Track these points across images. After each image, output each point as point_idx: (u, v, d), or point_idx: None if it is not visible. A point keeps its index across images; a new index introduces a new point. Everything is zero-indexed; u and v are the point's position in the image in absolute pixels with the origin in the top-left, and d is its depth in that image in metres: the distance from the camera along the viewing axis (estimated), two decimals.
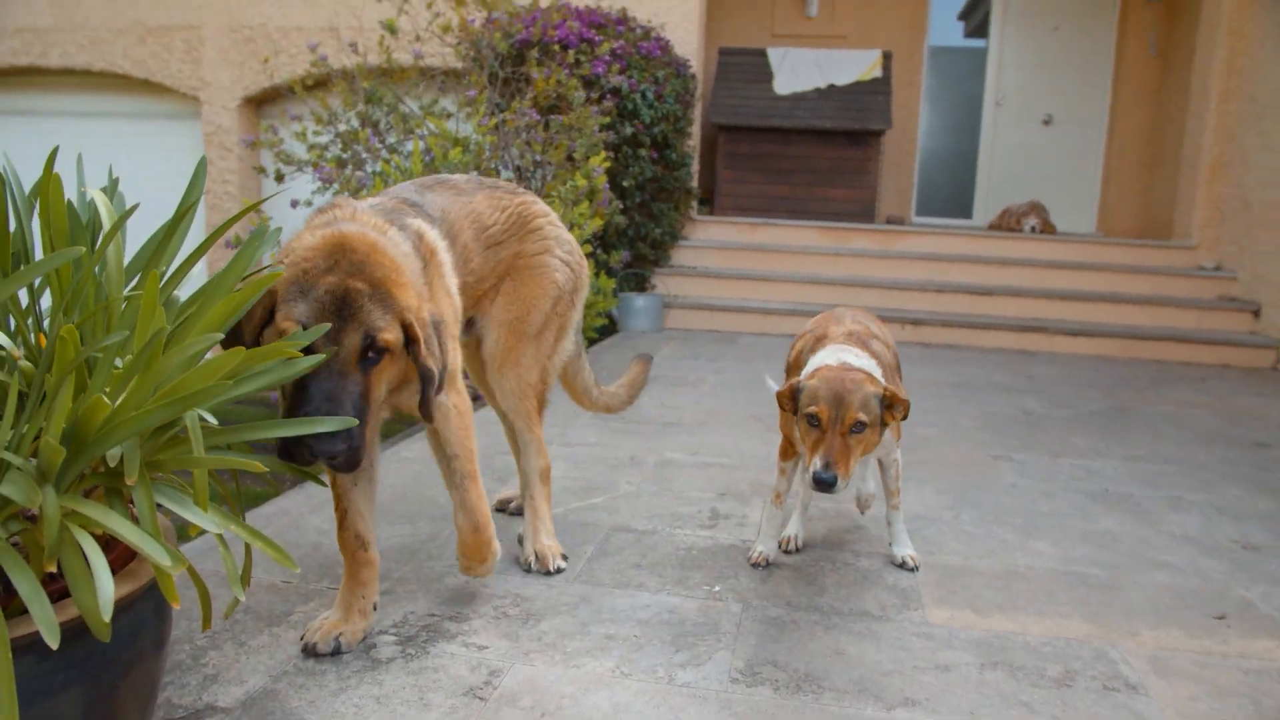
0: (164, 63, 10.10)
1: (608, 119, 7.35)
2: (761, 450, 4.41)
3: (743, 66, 9.92)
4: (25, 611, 1.33)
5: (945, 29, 10.85)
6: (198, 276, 2.73)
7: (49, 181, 1.62)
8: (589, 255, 7.00)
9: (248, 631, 2.43)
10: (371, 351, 1.94)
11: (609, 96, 7.60)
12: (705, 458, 4.27)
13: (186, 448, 1.48)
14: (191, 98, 10.13)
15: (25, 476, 1.19)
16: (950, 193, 11.03)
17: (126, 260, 1.73)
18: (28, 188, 1.76)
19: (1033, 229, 9.31)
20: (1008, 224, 9.58)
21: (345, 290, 1.92)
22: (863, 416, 2.51)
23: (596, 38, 7.67)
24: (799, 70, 9.75)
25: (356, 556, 2.34)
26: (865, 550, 3.20)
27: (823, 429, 2.52)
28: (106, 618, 1.28)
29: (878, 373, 2.67)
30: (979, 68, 10.75)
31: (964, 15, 10.93)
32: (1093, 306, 8.15)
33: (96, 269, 1.63)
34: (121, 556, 1.57)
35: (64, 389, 1.27)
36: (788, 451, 3.01)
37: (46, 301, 1.68)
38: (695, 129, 9.32)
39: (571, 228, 6.47)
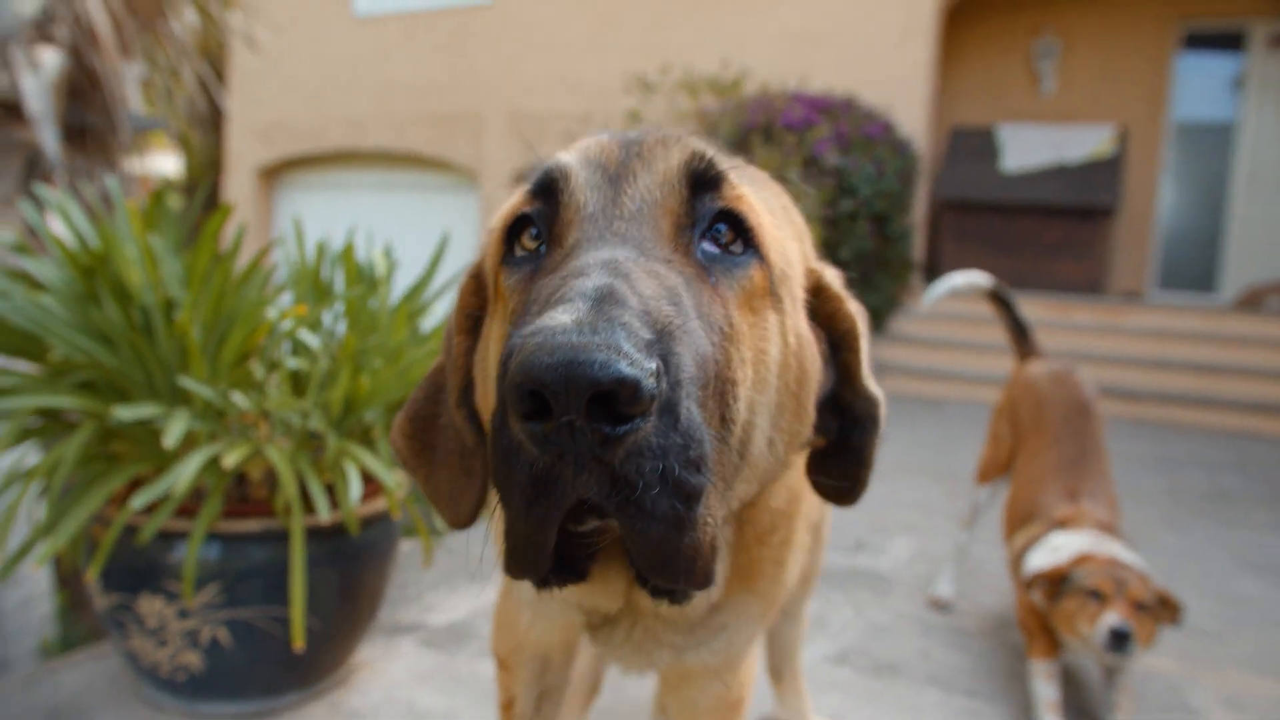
0: (452, 144, 11.81)
1: (826, 195, 7.94)
2: (919, 498, 4.79)
3: (971, 145, 10.19)
4: (311, 512, 2.14)
5: (1191, 103, 10.55)
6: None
7: (348, 250, 2.50)
8: None
9: (457, 582, 3.22)
10: (721, 223, 0.91)
11: (829, 175, 8.19)
12: (867, 500, 4.70)
13: None
14: (471, 173, 11.75)
15: (322, 421, 2.00)
16: (1194, 268, 10.61)
17: (395, 297, 2.57)
18: (339, 241, 2.66)
19: (1278, 307, 8.85)
20: (1253, 300, 9.16)
21: (658, 135, 0.96)
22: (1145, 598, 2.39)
23: (820, 120, 8.32)
24: (1028, 148, 9.89)
25: None
26: (985, 585, 3.56)
27: (1104, 599, 2.40)
28: (354, 518, 2.05)
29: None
30: (1228, 142, 10.37)
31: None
32: None
33: (373, 303, 2.48)
34: (370, 495, 2.38)
35: (344, 372, 2.07)
36: (1046, 640, 2.60)
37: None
38: (919, 204, 9.68)
39: None
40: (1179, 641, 3.09)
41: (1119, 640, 2.32)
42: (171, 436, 1.75)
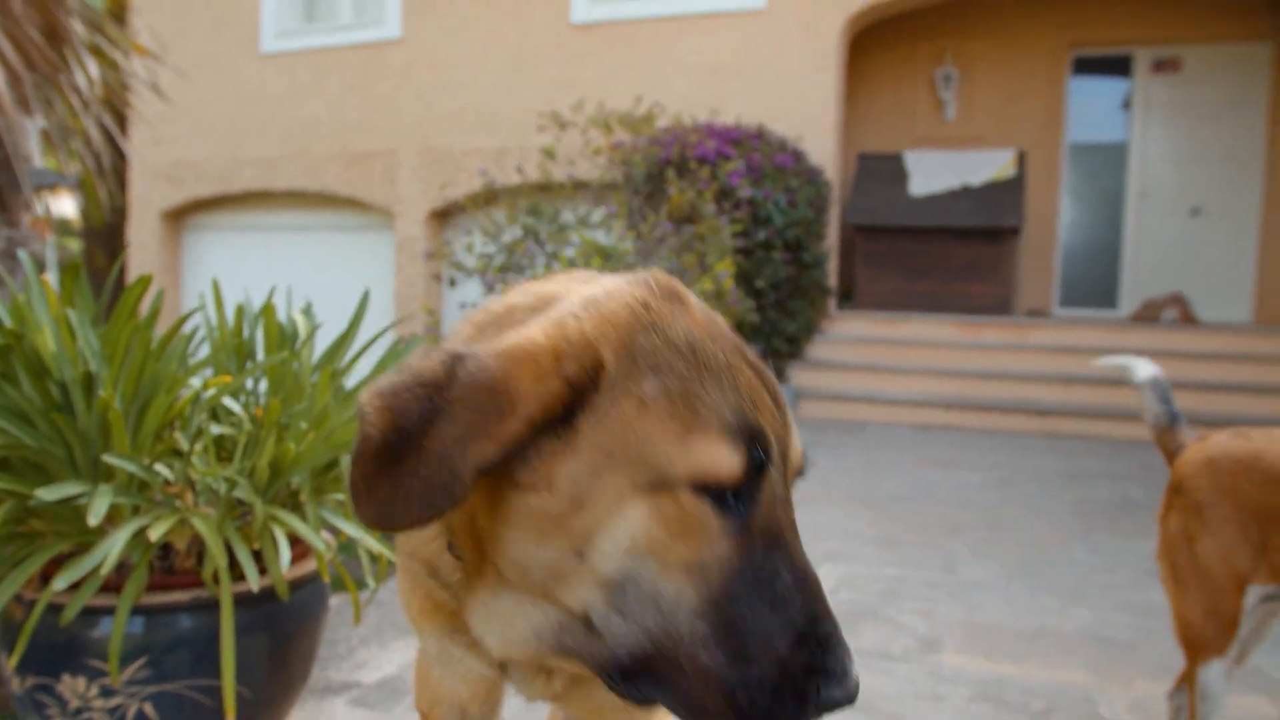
0: (366, 183, 11.72)
1: (740, 226, 8.12)
2: (845, 525, 4.92)
3: (880, 170, 10.53)
4: (239, 580, 2.12)
5: (1087, 125, 11.07)
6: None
7: (268, 310, 2.49)
8: None
9: (387, 638, 3.20)
10: None
11: (742, 206, 8.38)
12: None
13: (341, 482, 2.26)
14: (387, 212, 11.67)
15: (248, 489, 1.99)
16: (1095, 284, 11.10)
17: (317, 354, 2.57)
18: (256, 292, 2.65)
19: (1172, 320, 9.32)
20: (1149, 314, 9.63)
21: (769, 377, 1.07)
22: None
23: (732, 152, 8.51)
24: (934, 172, 10.26)
25: None
26: (908, 608, 3.67)
27: None
28: (284, 583, 2.05)
29: None
30: (1121, 161, 10.91)
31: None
32: (1236, 398, 8.09)
33: (295, 365, 2.47)
34: (299, 558, 2.36)
35: (270, 439, 2.07)
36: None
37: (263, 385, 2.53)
38: (832, 231, 9.95)
39: None
40: (1091, 653, 3.24)
41: None
42: (96, 515, 1.74)
